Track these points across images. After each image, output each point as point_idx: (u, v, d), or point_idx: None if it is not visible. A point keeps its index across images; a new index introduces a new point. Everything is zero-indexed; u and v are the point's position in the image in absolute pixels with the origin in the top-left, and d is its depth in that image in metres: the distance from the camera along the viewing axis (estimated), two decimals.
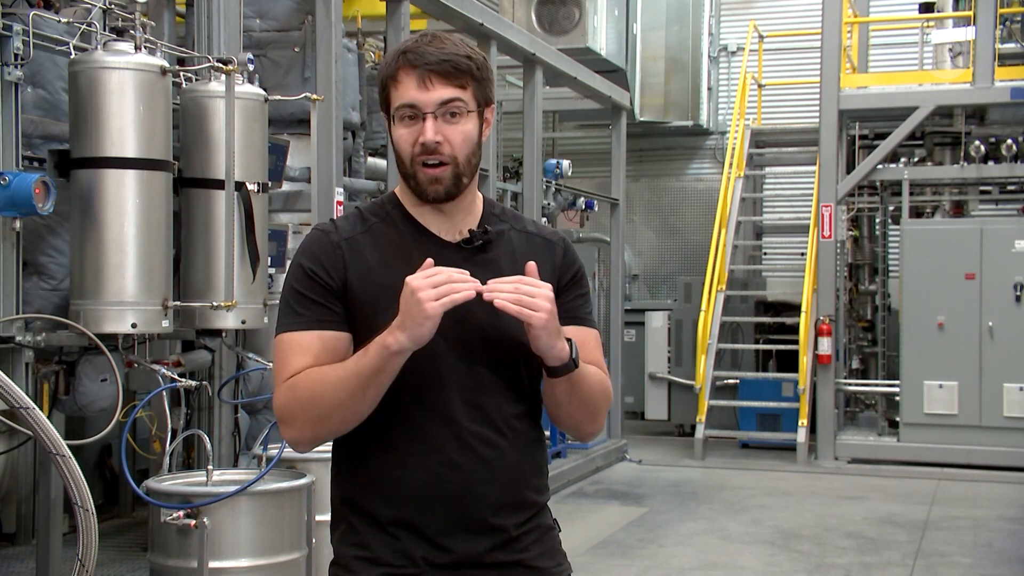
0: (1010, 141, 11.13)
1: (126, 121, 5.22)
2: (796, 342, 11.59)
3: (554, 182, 10.71)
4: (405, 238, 2.26)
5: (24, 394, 4.33)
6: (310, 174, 6.50)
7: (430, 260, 2.09)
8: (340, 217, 2.36)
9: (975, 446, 10.63)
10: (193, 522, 4.53)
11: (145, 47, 5.37)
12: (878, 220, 12.86)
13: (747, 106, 13.37)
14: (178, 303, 5.55)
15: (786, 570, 7.06)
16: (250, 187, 5.69)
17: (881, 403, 11.86)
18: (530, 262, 2.16)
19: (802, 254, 12.47)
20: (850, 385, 12.07)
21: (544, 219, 9.98)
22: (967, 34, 11.49)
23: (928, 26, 12.74)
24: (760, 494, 9.48)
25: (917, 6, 12.59)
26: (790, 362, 12.02)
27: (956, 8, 12.25)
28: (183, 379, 5.53)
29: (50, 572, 5.23)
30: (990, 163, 11.24)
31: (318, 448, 2.27)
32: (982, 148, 11.15)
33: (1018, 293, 10.63)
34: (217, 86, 5.64)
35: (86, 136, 5.23)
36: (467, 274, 2.08)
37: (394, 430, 2.21)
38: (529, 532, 2.28)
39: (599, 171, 13.00)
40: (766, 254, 14.41)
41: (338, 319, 2.21)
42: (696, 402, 11.74)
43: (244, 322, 5.77)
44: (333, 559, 2.30)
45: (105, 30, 5.62)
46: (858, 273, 12.95)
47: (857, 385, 12.25)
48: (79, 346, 5.45)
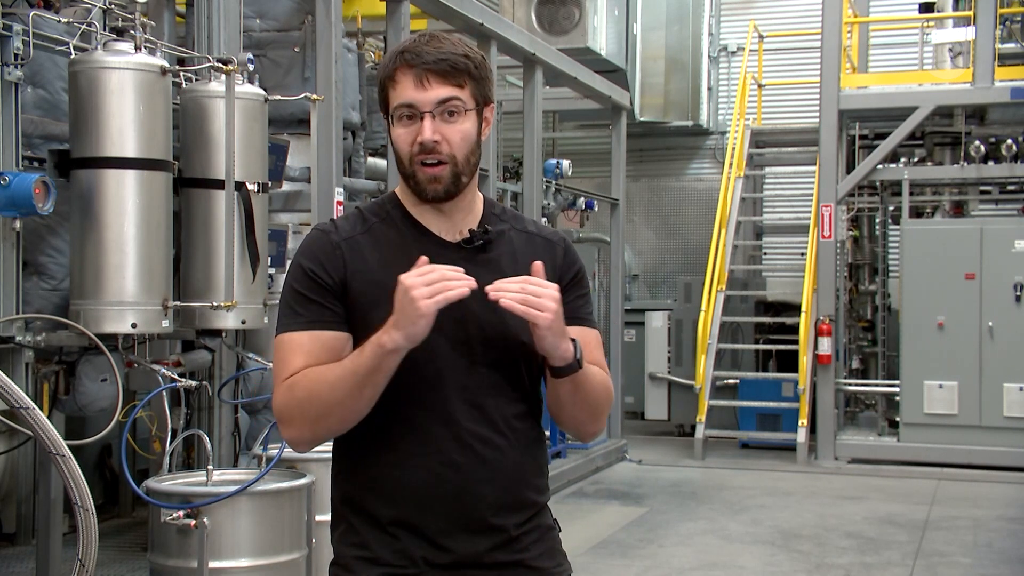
0: (1010, 141, 11.12)
1: (126, 121, 5.22)
2: (796, 342, 11.58)
3: (554, 182, 10.70)
4: (405, 238, 2.26)
5: (24, 394, 4.33)
6: (310, 174, 6.50)
7: (424, 258, 2.09)
8: (340, 217, 2.36)
9: (975, 446, 10.63)
10: (193, 522, 4.53)
11: (145, 47, 5.37)
12: (878, 220, 12.86)
13: (747, 106, 13.36)
14: (178, 303, 5.55)
15: (786, 570, 7.06)
16: (250, 187, 5.69)
17: (881, 403, 11.85)
18: (536, 262, 2.15)
19: (802, 254, 12.46)
20: (850, 385, 12.07)
21: (544, 219, 9.98)
22: (967, 34, 11.48)
23: (928, 26, 12.73)
24: (760, 494, 9.48)
25: (917, 6, 12.58)
26: (790, 362, 12.02)
27: (956, 8, 12.24)
28: (183, 379, 5.53)
29: (50, 572, 5.23)
30: (990, 163, 11.24)
31: (318, 448, 2.27)
32: (982, 148, 11.15)
33: (1018, 293, 10.62)
34: (217, 86, 5.64)
35: (86, 136, 5.23)
36: (461, 271, 2.07)
37: (394, 430, 2.20)
38: (529, 532, 2.28)
39: (599, 171, 12.99)
40: (766, 254, 14.41)
41: (338, 319, 2.21)
42: (696, 402, 11.73)
43: (244, 322, 5.77)
44: (333, 559, 2.30)
45: (105, 30, 5.62)
46: (858, 273, 12.94)
47: (857, 385, 12.24)
48: (79, 346, 5.45)
